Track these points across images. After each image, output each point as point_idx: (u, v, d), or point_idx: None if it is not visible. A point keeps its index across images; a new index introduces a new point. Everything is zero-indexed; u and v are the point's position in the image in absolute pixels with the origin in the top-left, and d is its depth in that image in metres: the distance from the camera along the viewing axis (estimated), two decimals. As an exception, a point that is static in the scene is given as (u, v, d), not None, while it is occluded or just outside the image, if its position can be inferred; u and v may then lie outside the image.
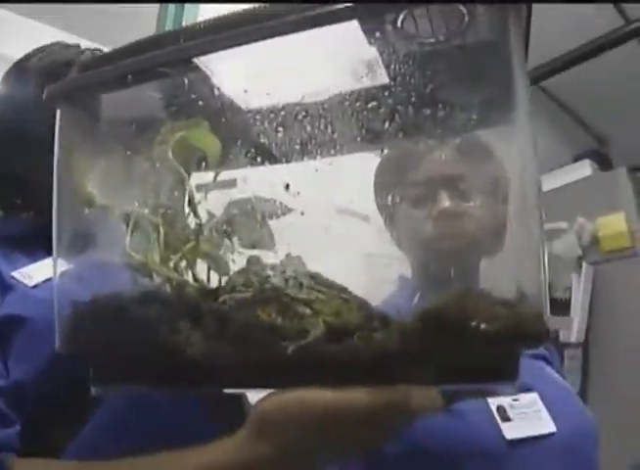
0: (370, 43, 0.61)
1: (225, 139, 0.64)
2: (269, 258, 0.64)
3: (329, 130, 0.68)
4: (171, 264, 0.61)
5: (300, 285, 0.50)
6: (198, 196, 0.60)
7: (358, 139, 0.70)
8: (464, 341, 0.46)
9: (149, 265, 0.61)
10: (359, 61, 0.66)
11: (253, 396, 0.56)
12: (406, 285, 0.67)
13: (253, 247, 0.66)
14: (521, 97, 0.50)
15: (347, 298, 0.51)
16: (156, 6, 1.48)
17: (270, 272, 0.51)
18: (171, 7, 1.37)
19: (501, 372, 0.48)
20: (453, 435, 0.69)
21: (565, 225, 2.72)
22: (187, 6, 1.35)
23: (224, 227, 0.67)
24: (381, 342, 0.48)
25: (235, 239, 0.67)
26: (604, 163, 3.36)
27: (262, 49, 0.61)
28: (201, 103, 0.66)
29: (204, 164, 0.63)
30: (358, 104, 0.68)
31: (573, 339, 2.63)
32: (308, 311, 0.49)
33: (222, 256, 0.66)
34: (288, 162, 0.70)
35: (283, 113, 0.68)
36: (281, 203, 0.66)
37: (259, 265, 0.53)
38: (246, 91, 0.68)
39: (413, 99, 0.63)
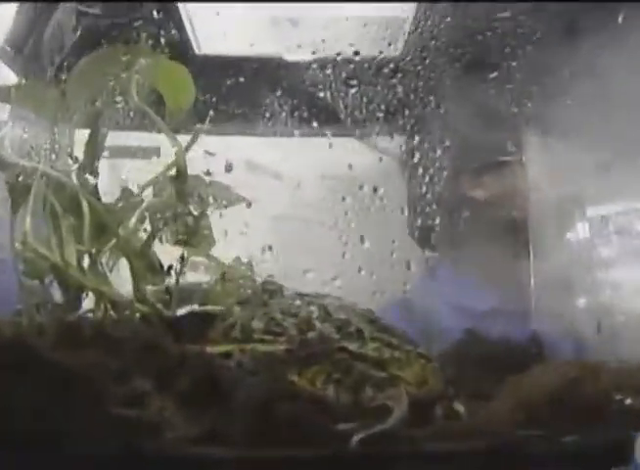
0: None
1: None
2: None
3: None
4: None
5: (360, 334, 0.30)
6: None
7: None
8: (599, 419, 0.31)
9: (64, 269, 0.35)
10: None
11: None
12: (442, 275, 0.51)
13: (186, 243, 0.43)
14: None
15: (424, 354, 0.32)
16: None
17: (313, 311, 0.30)
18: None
19: (618, 455, 0.34)
20: None
21: None
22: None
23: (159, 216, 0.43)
24: (486, 422, 0.30)
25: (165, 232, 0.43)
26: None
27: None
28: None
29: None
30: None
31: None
32: (383, 376, 0.29)
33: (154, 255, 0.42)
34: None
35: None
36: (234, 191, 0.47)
37: (288, 298, 0.31)
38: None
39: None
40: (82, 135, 0.41)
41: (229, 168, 0.50)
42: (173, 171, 0.36)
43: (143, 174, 0.48)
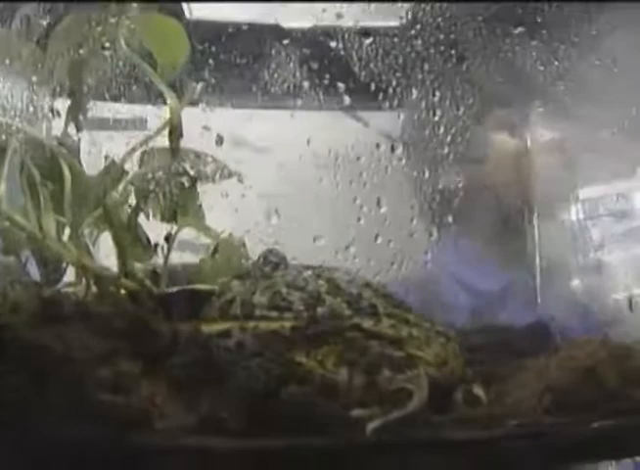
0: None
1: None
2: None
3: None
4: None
5: (374, 309, 0.27)
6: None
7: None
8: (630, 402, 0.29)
9: (41, 240, 0.31)
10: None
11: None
12: (458, 249, 0.48)
13: (174, 219, 0.40)
14: None
15: (444, 332, 0.29)
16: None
17: (322, 284, 0.26)
18: None
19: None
20: None
21: None
22: None
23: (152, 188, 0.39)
24: (511, 407, 0.27)
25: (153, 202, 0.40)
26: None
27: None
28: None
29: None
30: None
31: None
32: (401, 356, 0.26)
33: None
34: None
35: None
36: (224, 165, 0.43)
37: (292, 271, 0.28)
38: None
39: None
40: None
41: (220, 141, 0.47)
42: (165, 131, 0.33)
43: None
